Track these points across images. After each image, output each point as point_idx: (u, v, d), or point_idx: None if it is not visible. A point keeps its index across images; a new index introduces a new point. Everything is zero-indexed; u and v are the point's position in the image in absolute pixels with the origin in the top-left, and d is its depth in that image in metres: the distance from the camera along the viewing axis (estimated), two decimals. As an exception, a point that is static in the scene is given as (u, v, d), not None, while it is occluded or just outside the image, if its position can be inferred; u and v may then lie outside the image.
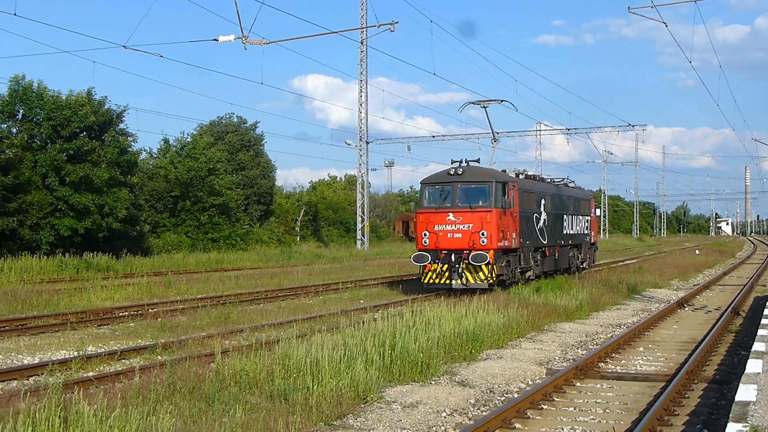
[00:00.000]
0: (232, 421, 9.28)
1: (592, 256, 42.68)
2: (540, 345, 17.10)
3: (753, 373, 10.58)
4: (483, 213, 26.02)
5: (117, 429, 8.30)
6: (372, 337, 14.05)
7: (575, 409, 11.39)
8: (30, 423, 8.08)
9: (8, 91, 48.87)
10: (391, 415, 10.81)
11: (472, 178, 27.15)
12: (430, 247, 26.60)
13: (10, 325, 19.42)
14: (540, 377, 13.65)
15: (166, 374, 11.62)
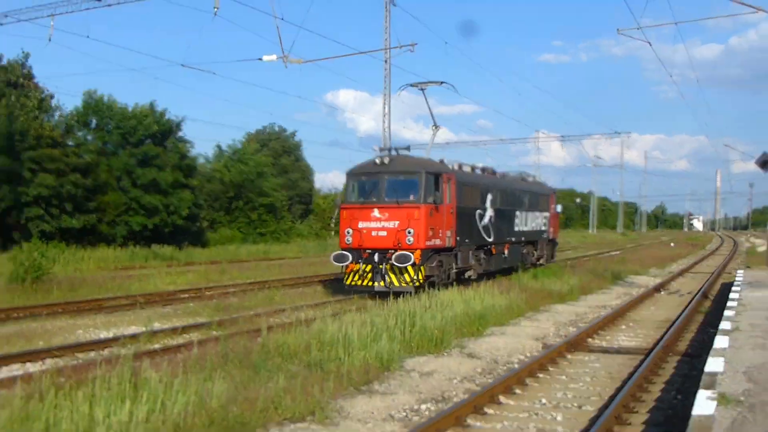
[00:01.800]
0: (275, 386, 9.32)
1: (550, 252, 35.76)
2: (537, 323, 17.07)
3: (720, 348, 10.51)
4: (410, 209, 20.31)
5: (179, 393, 8.35)
6: (394, 316, 14.10)
7: (567, 378, 11.38)
8: (106, 387, 8.14)
9: (83, 104, 49.43)
10: (410, 382, 10.84)
11: (399, 168, 21.18)
12: (354, 245, 20.92)
13: (89, 305, 19.59)
14: (537, 351, 13.62)
15: (219, 347, 11.68)
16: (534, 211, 31.73)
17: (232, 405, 8.44)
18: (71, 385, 8.45)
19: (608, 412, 8.52)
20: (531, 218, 31.03)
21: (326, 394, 9.46)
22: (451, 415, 8.48)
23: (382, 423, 8.72)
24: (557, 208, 36.79)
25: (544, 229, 33.59)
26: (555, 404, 9.75)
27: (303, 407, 8.79)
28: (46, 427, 7.01)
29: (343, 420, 8.74)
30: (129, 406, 7.49)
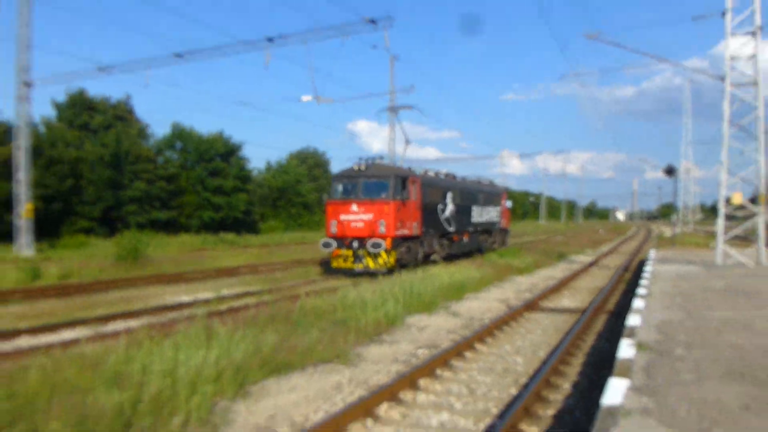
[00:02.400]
0: (310, 338, 9.34)
1: (503, 239, 33.93)
2: (502, 290, 17.02)
3: (637, 308, 10.49)
4: (382, 205, 19.05)
5: (240, 342, 8.38)
6: (398, 286, 14.09)
7: (525, 330, 11.36)
8: (186, 338, 8.18)
9: (171, 132, 50.88)
10: (410, 334, 10.84)
11: (374, 173, 19.92)
12: (338, 234, 19.60)
13: (173, 277, 19.65)
14: (502, 311, 13.58)
15: (269, 308, 11.69)
16: (488, 206, 30.11)
17: (279, 351, 8.47)
18: (161, 336, 8.49)
19: (555, 355, 8.52)
20: (485, 212, 29.62)
21: (348, 344, 9.49)
22: (439, 358, 8.49)
23: (389, 364, 8.73)
24: (508, 204, 34.80)
25: (497, 220, 31.91)
26: (516, 350, 9.75)
27: (331, 353, 8.81)
28: (142, 368, 7.04)
29: (361, 362, 8.76)
30: (203, 352, 7.52)
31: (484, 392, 7.40)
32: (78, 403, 5.78)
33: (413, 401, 6.97)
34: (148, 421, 5.76)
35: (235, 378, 7.09)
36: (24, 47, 27.59)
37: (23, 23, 27.30)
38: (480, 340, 10.14)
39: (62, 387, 6.47)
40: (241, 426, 6.06)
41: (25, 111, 28.06)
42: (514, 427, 5.93)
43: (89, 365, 7.24)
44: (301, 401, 6.85)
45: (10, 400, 5.95)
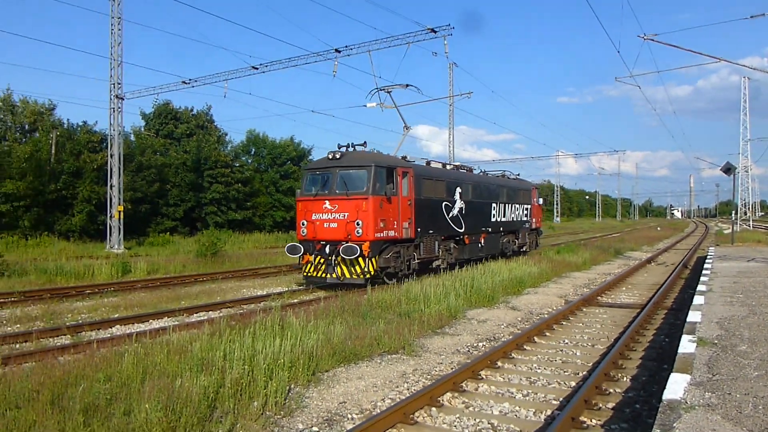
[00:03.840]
0: (377, 329, 9.38)
1: (533, 240, 28.75)
2: (560, 285, 16.65)
3: (698, 304, 10.06)
4: (359, 200, 15.02)
5: (311, 332, 8.50)
6: (459, 280, 14.01)
7: (583, 325, 11.07)
8: (263, 328, 8.36)
9: (246, 138, 52.45)
10: (471, 327, 10.74)
11: (350, 163, 15.76)
12: (308, 237, 15.71)
13: (250, 272, 20.12)
14: (561, 305, 13.29)
15: (338, 301, 11.84)
16: (512, 203, 25.12)
17: (348, 341, 8.55)
18: (239, 326, 8.71)
19: (615, 349, 8.26)
20: (509, 210, 24.68)
21: (412, 335, 9.48)
22: (500, 350, 8.38)
23: (451, 355, 8.67)
24: (539, 201, 29.77)
25: (525, 219, 26.85)
26: (575, 343, 9.51)
27: (396, 344, 8.83)
28: (224, 354, 7.23)
29: (424, 353, 8.73)
30: (278, 341, 7.66)
31: (543, 384, 7.25)
32: (167, 386, 5.99)
33: (475, 391, 6.90)
34: (230, 404, 5.92)
35: (307, 366, 7.20)
36: (116, 64, 28.84)
37: (115, 42, 28.54)
38: (539, 334, 9.95)
39: (153, 371, 6.73)
40: (314, 411, 6.14)
41: (118, 122, 29.35)
42: (574, 418, 5.78)
43: (176, 352, 7.50)
44: (369, 389, 6.89)
45: (107, 383, 6.23)
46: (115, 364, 6.94)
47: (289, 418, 5.93)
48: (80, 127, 38.21)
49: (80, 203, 33.48)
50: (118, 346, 8.33)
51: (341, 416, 6.03)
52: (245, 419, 5.72)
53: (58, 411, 5.33)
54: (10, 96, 39.49)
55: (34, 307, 12.76)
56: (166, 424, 5.18)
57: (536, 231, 29.51)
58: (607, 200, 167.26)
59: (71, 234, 32.32)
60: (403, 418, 5.70)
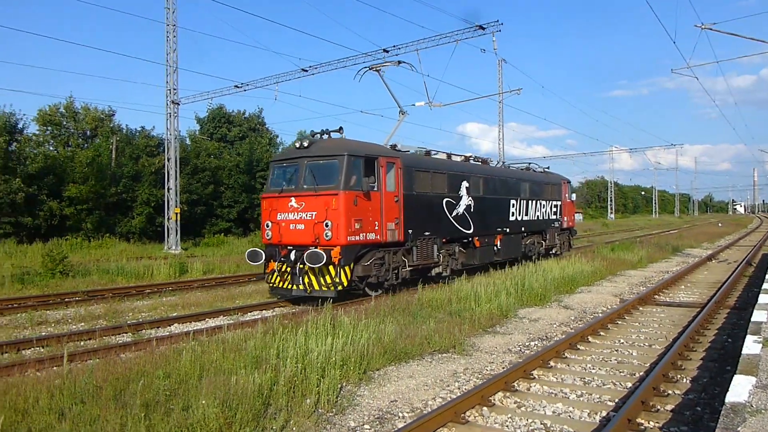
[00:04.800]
0: (428, 328, 9.38)
1: (565, 241, 25.11)
2: (615, 284, 16.23)
3: (764, 303, 9.64)
4: (328, 197, 12.54)
5: (362, 331, 8.56)
6: (510, 279, 13.85)
7: (639, 324, 10.76)
8: (315, 327, 8.46)
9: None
10: (522, 326, 10.60)
11: (319, 152, 13.27)
12: (273, 240, 13.41)
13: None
14: (615, 304, 12.96)
15: (389, 300, 11.87)
16: (538, 200, 21.99)
17: (398, 340, 8.56)
18: (292, 325, 8.85)
19: (673, 349, 8.00)
20: (534, 207, 21.62)
21: (463, 334, 9.43)
22: (553, 350, 8.23)
23: (502, 354, 8.58)
24: (571, 197, 26.07)
25: (553, 218, 23.64)
26: (630, 343, 9.25)
27: (447, 343, 8.79)
28: (277, 352, 7.37)
29: (475, 352, 8.67)
30: (330, 340, 7.75)
31: (598, 384, 7.08)
32: (223, 383, 6.14)
33: (527, 391, 6.80)
34: (283, 401, 6.02)
35: (359, 364, 7.25)
36: (172, 71, 29.72)
37: (171, 50, 29.41)
38: (593, 333, 9.73)
39: (210, 368, 6.91)
40: (365, 409, 6.18)
41: (174, 126, 30.23)
42: (631, 419, 5.63)
43: (231, 350, 7.68)
44: (420, 388, 6.88)
45: (167, 379, 6.43)
46: (174, 361, 7.16)
47: (341, 415, 5.98)
48: (138, 132, 39.59)
49: (139, 206, 34.67)
50: (177, 343, 8.59)
51: (392, 414, 6.05)
52: (298, 416, 5.80)
53: (120, 406, 5.53)
54: (72, 103, 41.26)
55: (97, 306, 13.28)
56: (223, 419, 5.30)
57: (568, 231, 25.95)
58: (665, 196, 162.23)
59: (131, 235, 33.49)
60: (454, 417, 5.67)
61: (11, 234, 29.07)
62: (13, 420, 5.23)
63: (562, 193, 24.75)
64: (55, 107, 40.66)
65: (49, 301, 13.83)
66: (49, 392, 5.92)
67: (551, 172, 25.25)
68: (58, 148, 39.83)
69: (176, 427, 5.15)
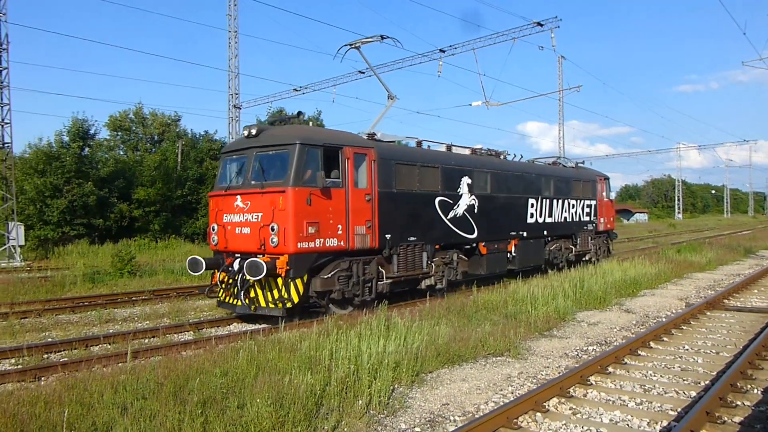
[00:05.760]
0: (482, 331, 9.27)
1: (601, 246, 21.99)
2: (681, 287, 15.59)
3: (841, 309, 9.05)
4: (274, 194, 10.58)
5: (416, 333, 8.54)
6: (568, 281, 13.53)
7: (706, 330, 10.29)
8: (368, 328, 8.50)
9: None
10: (580, 329, 10.33)
11: (269, 141, 11.23)
12: (220, 246, 11.62)
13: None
14: (681, 308, 12.45)
15: (444, 302, 11.81)
16: (566, 199, 19.25)
17: (452, 343, 8.50)
18: (347, 326, 8.91)
19: (743, 357, 7.60)
20: (560, 207, 18.89)
21: (518, 337, 9.27)
22: (612, 355, 7.98)
23: (559, 359, 8.38)
24: (609, 195, 22.73)
25: (586, 219, 20.60)
26: (696, 350, 8.85)
27: (502, 346, 8.66)
28: (330, 353, 7.43)
29: (530, 356, 8.50)
30: (383, 342, 7.77)
31: (659, 392, 6.81)
32: (277, 383, 6.24)
33: (584, 397, 6.61)
34: (335, 401, 6.07)
35: (411, 366, 7.23)
36: (234, 76, 30.55)
37: (232, 55, 30.24)
38: (656, 338, 9.37)
39: (265, 368, 7.04)
40: (417, 411, 6.16)
41: (236, 130, 31.05)
42: (694, 430, 5.38)
43: (287, 349, 7.81)
44: (473, 391, 6.80)
45: (224, 377, 6.60)
46: (231, 359, 7.34)
47: (393, 417, 5.98)
48: (202, 136, 40.86)
49: (204, 207, 35.77)
50: (235, 342, 8.80)
51: (444, 417, 6.00)
52: (350, 417, 5.84)
53: (179, 403, 5.71)
54: (141, 109, 43.05)
55: (162, 305, 13.78)
56: (275, 418, 5.39)
57: (606, 234, 22.79)
58: (737, 194, 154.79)
59: (196, 236, 34.58)
60: (506, 423, 5.58)
61: (84, 235, 30.52)
62: (78, 413, 5.48)
63: (598, 191, 21.71)
64: (125, 113, 42.54)
65: (117, 300, 14.47)
66: (113, 387, 6.18)
67: (585, 167, 22.49)
68: (127, 152, 41.64)
69: (230, 425, 5.27)
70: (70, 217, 30.30)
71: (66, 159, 30.60)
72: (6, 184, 26.63)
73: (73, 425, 5.25)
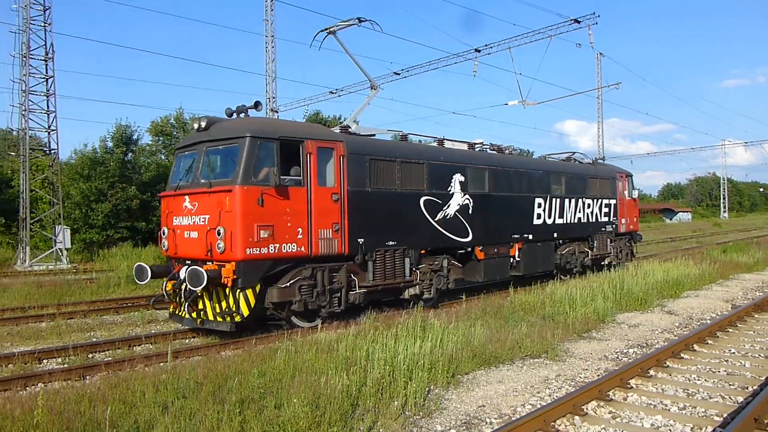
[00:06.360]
0: (519, 332, 9.17)
1: (622, 248, 19.98)
2: (726, 288, 15.11)
3: None
4: (221, 194, 9.58)
5: (452, 334, 8.50)
6: (607, 282, 13.27)
7: (754, 333, 9.95)
8: (404, 330, 8.49)
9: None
10: (620, 331, 10.13)
11: (219, 134, 10.15)
12: (170, 252, 10.67)
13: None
14: (726, 310, 12.09)
15: (480, 303, 11.73)
16: (581, 198, 17.62)
17: (488, 344, 8.43)
18: (383, 327, 8.93)
19: (791, 362, 7.35)
20: (573, 207, 17.27)
21: (556, 339, 9.14)
22: (653, 357, 7.79)
23: (598, 361, 8.23)
24: (632, 194, 20.66)
25: (604, 220, 18.83)
26: (743, 354, 8.58)
27: (539, 347, 8.55)
28: (367, 354, 7.45)
29: (568, 358, 8.37)
30: (419, 343, 7.76)
31: (704, 397, 6.61)
32: (313, 383, 6.30)
33: (624, 401, 6.47)
34: (371, 402, 6.08)
35: (447, 368, 7.20)
36: (271, 80, 30.95)
37: (269, 59, 30.63)
38: (700, 341, 9.11)
39: (302, 368, 7.11)
40: (452, 413, 6.13)
41: (272, 133, 31.46)
42: (739, 436, 5.22)
43: (323, 350, 7.87)
44: (509, 393, 6.73)
45: (261, 377, 6.68)
46: (269, 360, 7.44)
47: (428, 419, 5.97)
48: (241, 140, 41.37)
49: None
50: (273, 343, 8.91)
51: (480, 420, 5.95)
52: (385, 418, 5.85)
53: (218, 402, 5.81)
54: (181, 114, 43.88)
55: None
56: (312, 418, 5.44)
57: (628, 236, 20.75)
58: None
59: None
60: (543, 426, 5.50)
61: (127, 238, 31.30)
62: (121, 411, 5.63)
63: (618, 189, 19.78)
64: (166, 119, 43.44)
65: (160, 301, 14.79)
66: (154, 386, 6.33)
67: (604, 163, 20.75)
68: (168, 156, 42.54)
69: (268, 424, 5.33)
70: (114, 220, 31.11)
71: (110, 164, 31.43)
72: (53, 189, 27.54)
73: (116, 423, 5.39)
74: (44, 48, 25.74)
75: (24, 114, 25.58)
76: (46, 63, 25.90)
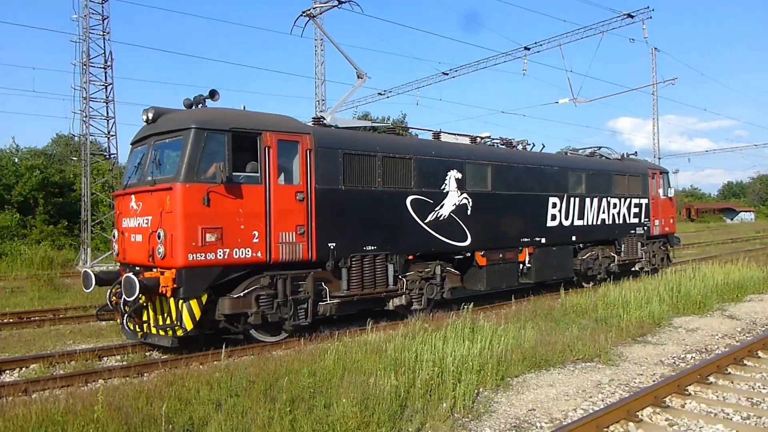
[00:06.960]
0: (570, 335, 9.02)
1: (655, 253, 18.12)
2: (793, 292, 14.46)
3: None
4: (163, 193, 8.55)
5: (501, 336, 8.42)
6: (663, 284, 12.88)
7: (822, 338, 9.48)
8: (453, 331, 8.47)
9: None
10: (677, 336, 9.81)
11: (166, 126, 9.08)
12: (120, 257, 9.76)
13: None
14: (793, 314, 11.56)
15: (531, 305, 11.57)
16: (605, 197, 16.01)
17: (539, 347, 8.32)
18: (432, 329, 8.91)
19: None
20: (596, 207, 15.68)
21: (609, 342, 8.94)
22: (713, 363, 7.53)
23: (653, 366, 7.99)
24: (667, 193, 18.83)
25: (634, 221, 17.09)
26: (810, 360, 8.19)
27: (591, 351, 8.38)
28: (415, 355, 7.45)
29: (622, 362, 8.16)
30: (468, 344, 7.72)
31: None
32: (362, 383, 6.34)
33: (681, 408, 6.26)
34: (419, 404, 6.08)
35: (496, 370, 7.14)
36: (320, 83, 31.33)
37: (319, 62, 31.02)
38: (764, 347, 8.74)
39: (351, 368, 7.17)
40: (502, 416, 6.07)
41: (321, 135, 31.87)
42: (806, 446, 4.99)
43: (372, 351, 7.92)
44: (560, 397, 6.62)
45: (312, 377, 6.78)
46: (319, 360, 7.54)
47: (477, 421, 5.92)
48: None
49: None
50: (323, 343, 9.02)
51: (530, 424, 5.88)
52: (434, 420, 5.84)
53: (269, 400, 5.92)
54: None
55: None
56: (360, 418, 5.47)
57: (663, 239, 18.84)
58: None
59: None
60: (595, 431, 5.39)
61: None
62: (176, 408, 5.80)
63: (651, 187, 17.96)
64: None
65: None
66: (208, 384, 6.50)
67: (633, 159, 18.83)
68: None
69: (317, 423, 5.40)
70: (170, 222, 32.05)
71: (166, 167, 32.42)
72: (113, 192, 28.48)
73: (171, 419, 5.56)
74: (103, 56, 26.77)
75: (85, 120, 26.65)
76: (105, 71, 26.93)
